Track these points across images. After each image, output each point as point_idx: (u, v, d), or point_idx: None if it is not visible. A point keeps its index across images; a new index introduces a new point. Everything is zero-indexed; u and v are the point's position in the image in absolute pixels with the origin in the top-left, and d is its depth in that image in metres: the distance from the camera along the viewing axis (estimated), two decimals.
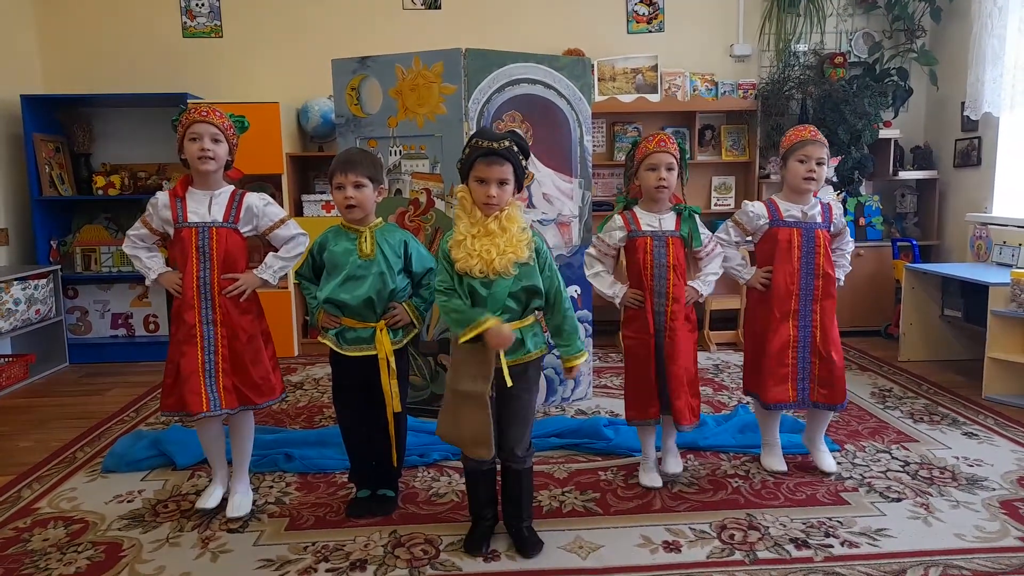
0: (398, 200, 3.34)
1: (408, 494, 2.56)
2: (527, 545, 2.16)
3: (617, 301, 2.56)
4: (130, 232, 2.41)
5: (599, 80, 5.02)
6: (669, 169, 2.47)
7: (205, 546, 2.24)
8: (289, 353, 4.65)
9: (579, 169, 3.53)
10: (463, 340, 2.01)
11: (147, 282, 2.41)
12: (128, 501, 2.56)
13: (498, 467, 2.23)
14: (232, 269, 2.35)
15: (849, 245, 2.70)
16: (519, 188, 2.10)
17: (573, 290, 3.43)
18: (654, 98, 5.01)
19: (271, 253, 2.45)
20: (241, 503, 2.44)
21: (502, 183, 2.02)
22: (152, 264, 2.41)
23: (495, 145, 2.01)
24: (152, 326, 4.88)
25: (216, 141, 2.31)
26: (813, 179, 2.54)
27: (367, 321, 2.34)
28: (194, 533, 2.32)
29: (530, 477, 2.22)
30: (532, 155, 3.38)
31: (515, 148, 2.04)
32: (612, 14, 5.17)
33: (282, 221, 2.43)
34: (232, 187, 2.41)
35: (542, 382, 3.50)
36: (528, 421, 2.17)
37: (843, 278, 2.67)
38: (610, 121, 5.17)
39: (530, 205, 3.38)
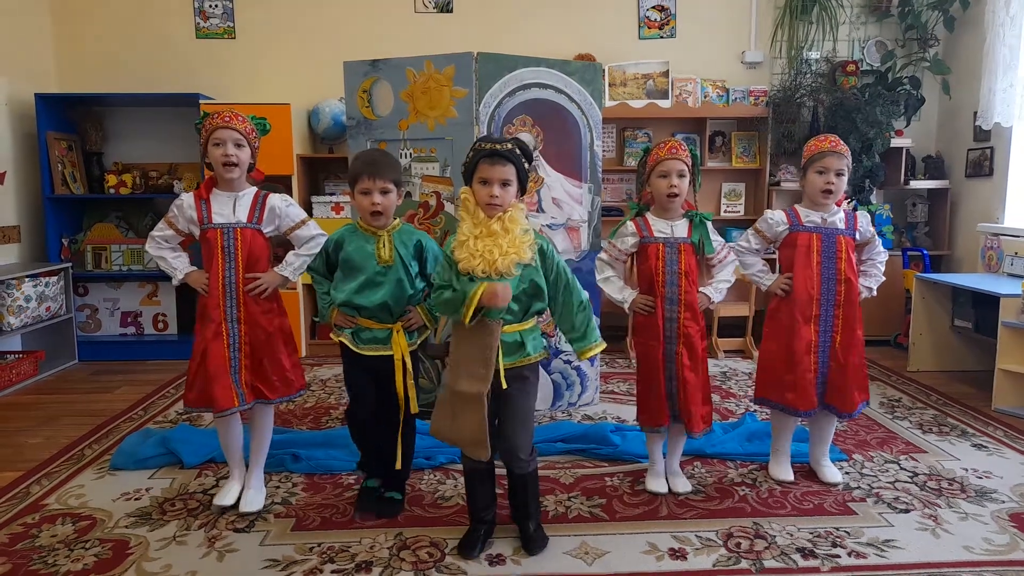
0: (408, 203, 3.34)
1: (414, 496, 2.57)
2: (532, 541, 2.18)
3: (626, 306, 2.55)
4: (154, 233, 2.44)
5: (610, 85, 5.01)
6: (680, 176, 2.46)
7: (211, 545, 2.24)
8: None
9: (589, 174, 3.53)
10: (468, 320, 1.99)
11: (174, 282, 2.44)
12: (136, 499, 2.58)
13: (500, 469, 2.23)
14: (254, 269, 2.40)
15: (881, 255, 2.64)
16: (522, 191, 2.12)
17: None
18: (665, 104, 5.01)
19: (291, 251, 2.48)
20: (254, 498, 2.47)
21: (505, 184, 2.04)
22: (178, 264, 2.44)
23: (498, 146, 2.04)
24: (161, 325, 4.90)
25: (239, 146, 2.34)
26: (831, 191, 2.53)
27: (383, 323, 2.37)
28: (200, 532, 2.33)
29: (535, 480, 2.22)
30: (542, 159, 3.40)
31: (517, 151, 2.07)
32: (624, 19, 5.17)
33: (303, 222, 2.47)
34: (255, 188, 2.44)
35: (549, 387, 3.50)
36: (528, 424, 2.18)
37: (874, 288, 2.61)
38: (620, 127, 5.17)
39: (539, 209, 3.38)
